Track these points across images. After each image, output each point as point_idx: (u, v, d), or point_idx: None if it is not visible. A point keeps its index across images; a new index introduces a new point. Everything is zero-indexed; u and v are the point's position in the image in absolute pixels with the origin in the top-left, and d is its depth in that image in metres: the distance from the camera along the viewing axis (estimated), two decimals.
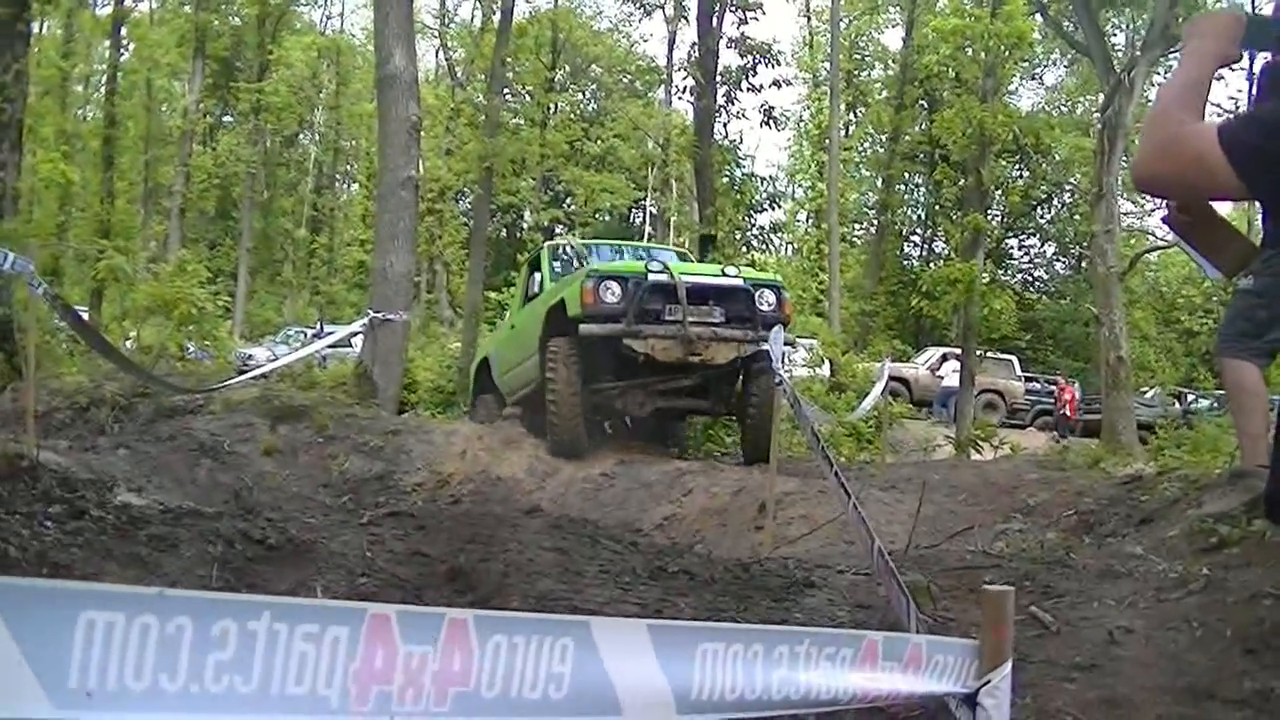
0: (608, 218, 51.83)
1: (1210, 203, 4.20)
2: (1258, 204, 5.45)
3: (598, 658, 2.12)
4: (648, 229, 48.29)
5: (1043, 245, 64.51)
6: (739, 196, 35.13)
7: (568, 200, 55.94)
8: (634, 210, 56.84)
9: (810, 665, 2.48)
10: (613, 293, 13.85)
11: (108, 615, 1.62)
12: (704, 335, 13.94)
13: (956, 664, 2.82)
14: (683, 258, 18.33)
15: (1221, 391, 14.38)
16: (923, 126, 50.42)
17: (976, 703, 2.82)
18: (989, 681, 2.81)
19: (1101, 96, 26.83)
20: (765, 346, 12.03)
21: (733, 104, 30.76)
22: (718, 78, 29.28)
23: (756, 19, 29.81)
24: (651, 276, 14.04)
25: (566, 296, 14.40)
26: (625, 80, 58.36)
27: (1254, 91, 5.34)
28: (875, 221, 57.19)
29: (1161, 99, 2.95)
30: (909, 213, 61.66)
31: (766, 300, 14.51)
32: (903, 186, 58.73)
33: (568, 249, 17.57)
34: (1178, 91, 2.88)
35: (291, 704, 1.77)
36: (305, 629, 1.78)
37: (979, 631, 2.91)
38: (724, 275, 14.68)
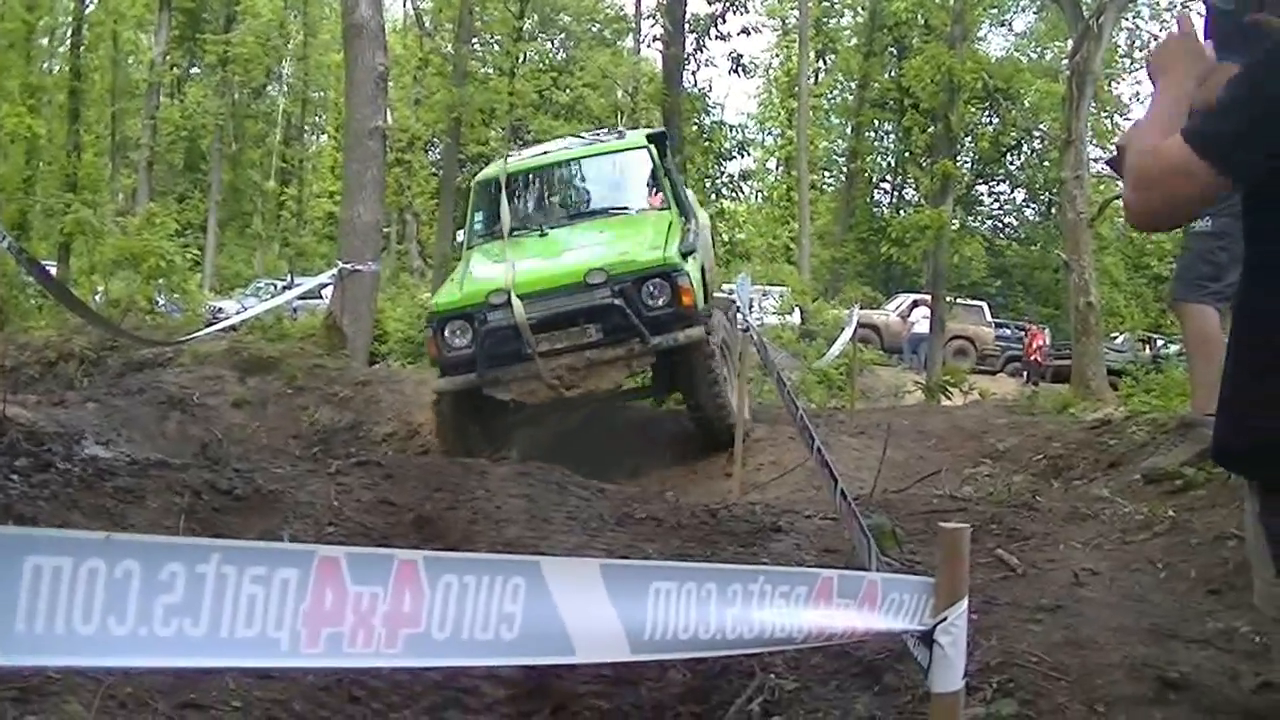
0: None
1: None
2: None
3: (549, 598, 2.11)
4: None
5: (1012, 191, 64.57)
6: (708, 144, 35.15)
7: None
8: None
9: (765, 603, 2.48)
10: (460, 333, 11.90)
11: (54, 560, 1.62)
12: (575, 365, 11.67)
13: (912, 601, 2.83)
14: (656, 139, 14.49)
15: None
16: (892, 73, 50.24)
17: (933, 640, 2.84)
18: (945, 619, 2.83)
19: (1070, 42, 26.75)
20: (682, 342, 11.41)
21: (701, 52, 30.79)
22: (686, 25, 29.20)
23: None
24: (490, 318, 11.67)
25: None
26: (594, 29, 58.08)
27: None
28: (845, 169, 57.06)
29: (1132, 139, 2.92)
30: (879, 160, 61.63)
31: (653, 296, 11.66)
32: (872, 134, 58.67)
33: (493, 188, 13.88)
34: (1146, 126, 2.86)
35: (241, 647, 1.77)
36: (254, 571, 1.78)
37: (936, 569, 2.93)
38: (585, 286, 11.67)
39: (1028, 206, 65.06)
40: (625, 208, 13.74)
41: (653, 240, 12.35)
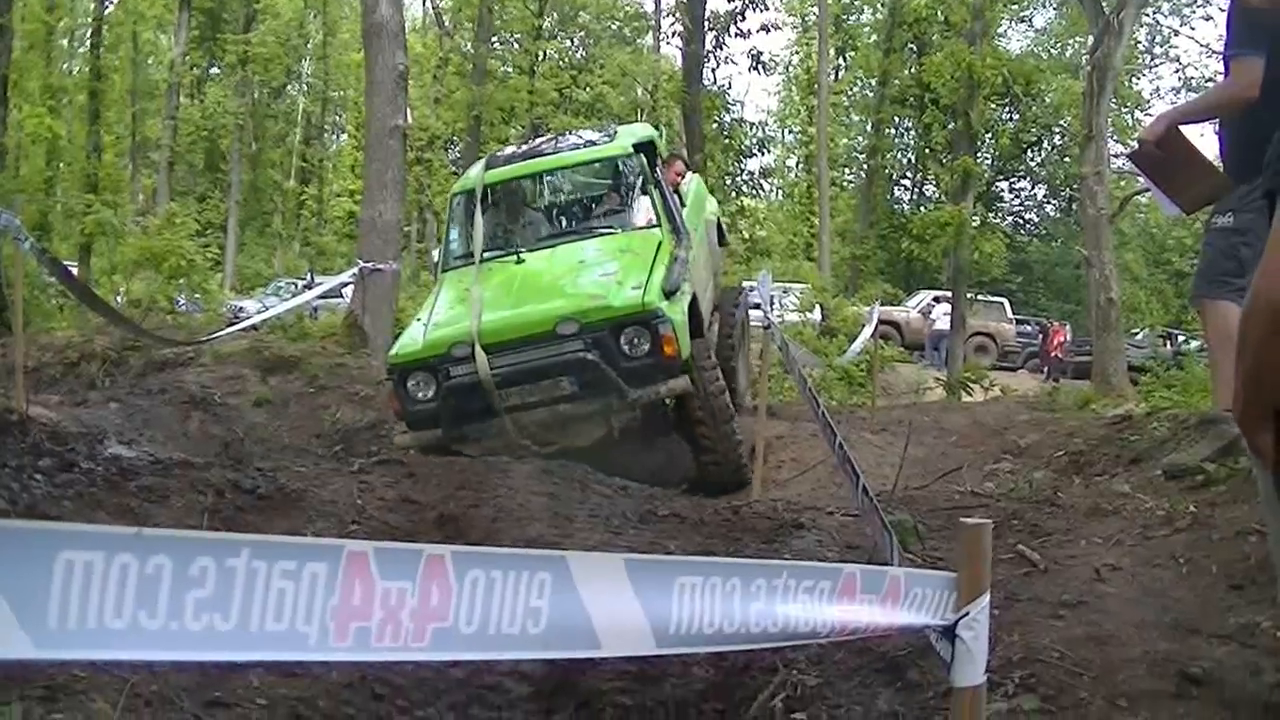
0: None
1: (1189, 140, 4.16)
2: (1217, 138, 5.42)
3: (575, 592, 2.13)
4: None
5: (1033, 188, 64.45)
6: (728, 142, 35.18)
7: None
8: None
9: (789, 598, 2.49)
10: (424, 385, 10.73)
11: (86, 555, 1.63)
12: (548, 421, 10.49)
13: (935, 596, 2.84)
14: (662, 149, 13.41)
15: None
16: (912, 70, 50.02)
17: (955, 635, 2.84)
18: (967, 614, 2.83)
19: (1090, 39, 26.72)
20: (664, 395, 10.44)
21: (721, 49, 30.83)
22: (706, 23, 29.22)
23: None
24: (454, 371, 10.54)
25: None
26: (613, 27, 58.07)
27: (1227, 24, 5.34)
28: (865, 166, 56.72)
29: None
30: (899, 156, 61.34)
31: (632, 345, 10.43)
32: (892, 130, 58.32)
33: (468, 202, 12.60)
34: None
35: (271, 641, 1.78)
36: (283, 566, 1.79)
37: (958, 565, 2.94)
38: (556, 336, 10.43)
39: (1048, 203, 64.99)
40: (610, 227, 12.39)
41: (634, 277, 10.92)
